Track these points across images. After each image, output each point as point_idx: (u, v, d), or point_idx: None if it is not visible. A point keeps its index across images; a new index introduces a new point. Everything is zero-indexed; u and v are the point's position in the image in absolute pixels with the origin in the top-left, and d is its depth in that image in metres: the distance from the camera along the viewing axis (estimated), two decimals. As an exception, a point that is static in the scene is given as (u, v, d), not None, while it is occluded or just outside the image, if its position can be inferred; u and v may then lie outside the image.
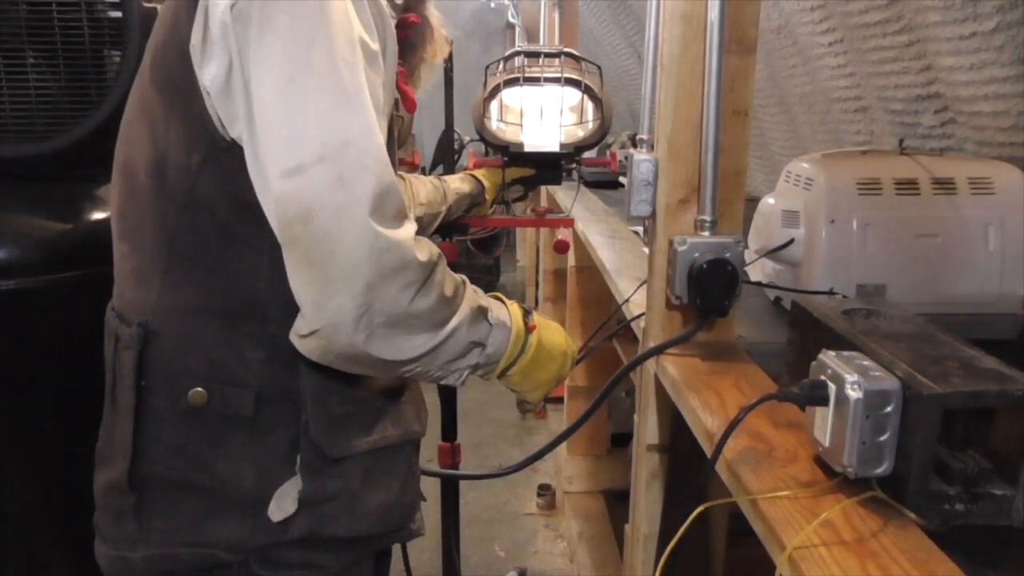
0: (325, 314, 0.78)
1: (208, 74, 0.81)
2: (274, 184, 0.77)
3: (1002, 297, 1.21)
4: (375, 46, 0.83)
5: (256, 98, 0.79)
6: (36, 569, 1.34)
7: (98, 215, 1.35)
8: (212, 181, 0.85)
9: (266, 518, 0.91)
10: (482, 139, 1.44)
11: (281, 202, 0.77)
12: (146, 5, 1.30)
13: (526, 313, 1.04)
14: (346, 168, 0.76)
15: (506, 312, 1.00)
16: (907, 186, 1.23)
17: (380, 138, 0.79)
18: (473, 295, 0.95)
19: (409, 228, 0.81)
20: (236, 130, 0.82)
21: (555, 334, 1.08)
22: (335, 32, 0.79)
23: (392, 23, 0.90)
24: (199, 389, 0.88)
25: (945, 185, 1.22)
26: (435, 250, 0.86)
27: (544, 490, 2.92)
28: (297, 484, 0.92)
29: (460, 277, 0.94)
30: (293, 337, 0.83)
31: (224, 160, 0.84)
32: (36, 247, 1.28)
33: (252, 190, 0.81)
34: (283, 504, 0.91)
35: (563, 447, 2.79)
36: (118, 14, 1.28)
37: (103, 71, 1.30)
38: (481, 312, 0.94)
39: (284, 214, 0.77)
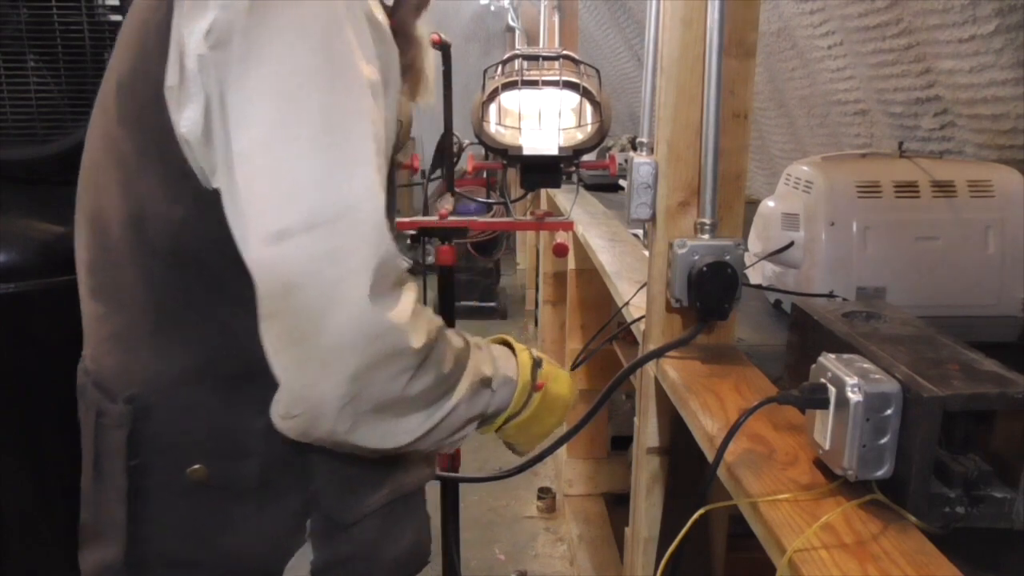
0: (305, 401, 0.70)
1: (186, 119, 0.71)
2: (254, 248, 0.68)
3: (1002, 300, 1.21)
4: (376, 76, 0.73)
5: (237, 145, 0.68)
6: (36, 570, 1.34)
7: (98, 218, 1.35)
8: (200, 233, 0.74)
9: None
10: (481, 142, 1.44)
11: (262, 270, 0.68)
12: (146, 8, 1.30)
13: (536, 365, 0.96)
14: (341, 240, 0.67)
15: (514, 365, 0.93)
16: (907, 189, 1.23)
17: (381, 198, 0.70)
18: (476, 364, 0.85)
19: (407, 300, 0.72)
20: (217, 180, 0.72)
21: (561, 385, 1.00)
22: (332, 67, 0.69)
23: (394, 44, 0.78)
24: (198, 466, 0.78)
25: (945, 188, 1.22)
26: (434, 324, 0.77)
27: (544, 493, 2.92)
28: (308, 554, 0.83)
29: (463, 341, 0.85)
30: (273, 415, 0.73)
31: (212, 210, 0.72)
32: (36, 251, 1.28)
33: None
34: None
35: (563, 450, 2.78)
36: (118, 17, 1.28)
37: (103, 74, 1.30)
38: (483, 383, 0.86)
39: (264, 284, 0.68)
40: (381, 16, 0.76)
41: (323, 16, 0.69)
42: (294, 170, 0.67)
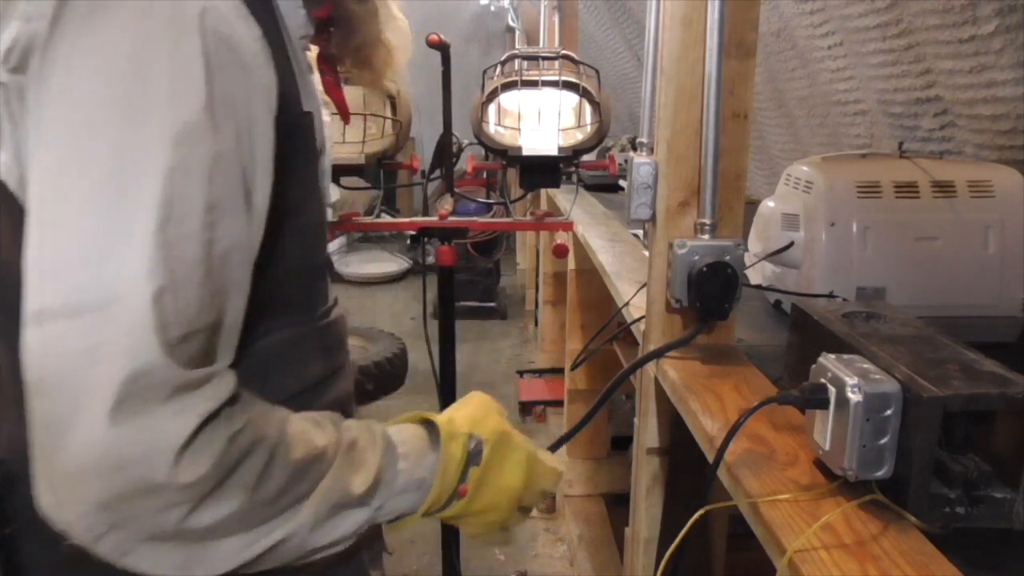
0: (58, 523, 0.56)
1: (2, 163, 0.59)
2: (24, 327, 0.54)
3: (1002, 300, 1.21)
4: (195, 116, 0.55)
5: (29, 195, 0.55)
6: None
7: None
8: None
9: None
10: (480, 143, 1.44)
11: (23, 355, 0.53)
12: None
13: (470, 459, 0.76)
14: (99, 336, 0.52)
15: (431, 463, 0.74)
16: (907, 189, 1.23)
17: (152, 287, 0.54)
18: (339, 480, 0.66)
19: (186, 419, 0.55)
20: None
21: (510, 474, 0.79)
22: (132, 107, 0.54)
23: (263, 68, 0.62)
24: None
25: (945, 188, 1.23)
26: (246, 440, 0.59)
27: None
28: None
29: (330, 441, 0.67)
30: None
31: None
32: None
33: None
34: None
35: (563, 450, 2.77)
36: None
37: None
38: (350, 504, 0.67)
39: (24, 372, 0.53)
40: (243, 30, 0.60)
41: (138, 35, 0.54)
42: (61, 237, 0.53)
